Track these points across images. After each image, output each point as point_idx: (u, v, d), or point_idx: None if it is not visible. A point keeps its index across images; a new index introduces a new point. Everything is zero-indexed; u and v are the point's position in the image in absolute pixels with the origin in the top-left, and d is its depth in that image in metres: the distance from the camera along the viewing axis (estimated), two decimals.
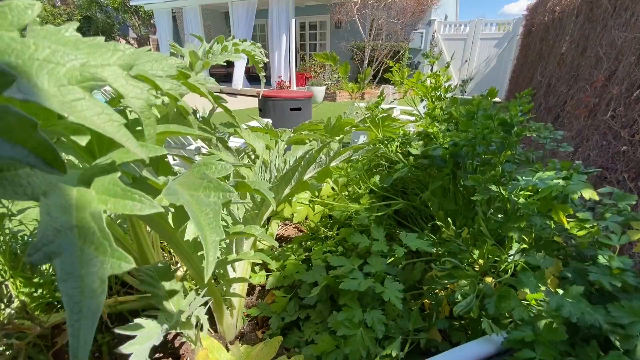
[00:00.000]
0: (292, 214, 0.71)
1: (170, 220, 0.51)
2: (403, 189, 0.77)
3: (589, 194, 0.49)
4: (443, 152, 0.58)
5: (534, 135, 0.64)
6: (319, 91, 8.05)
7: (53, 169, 0.23)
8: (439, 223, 0.63)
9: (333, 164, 0.65)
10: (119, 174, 0.31)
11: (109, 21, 12.40)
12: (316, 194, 0.74)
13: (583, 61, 3.26)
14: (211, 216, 0.33)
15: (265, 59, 0.93)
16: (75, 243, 0.25)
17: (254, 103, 7.65)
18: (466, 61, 9.84)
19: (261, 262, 0.94)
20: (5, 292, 0.68)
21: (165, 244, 0.84)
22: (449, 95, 0.86)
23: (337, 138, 1.09)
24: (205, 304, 0.58)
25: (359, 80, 1.05)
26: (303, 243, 0.93)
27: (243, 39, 0.84)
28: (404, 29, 9.05)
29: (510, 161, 0.58)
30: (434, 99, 0.81)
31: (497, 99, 9.41)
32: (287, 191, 0.58)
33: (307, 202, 0.70)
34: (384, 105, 3.34)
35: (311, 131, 1.03)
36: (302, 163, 0.56)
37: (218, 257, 0.45)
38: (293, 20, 7.93)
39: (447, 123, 0.71)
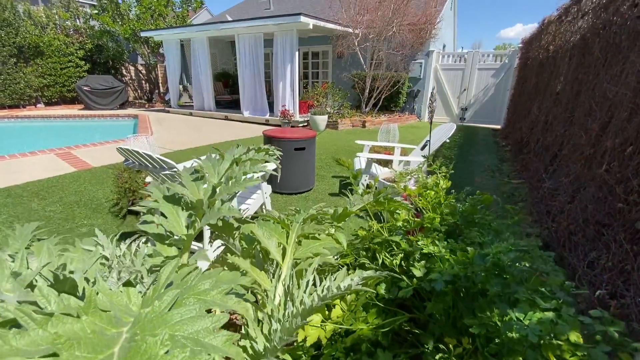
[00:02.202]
0: (305, 337, 0.76)
1: None
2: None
3: (574, 337, 0.54)
4: (444, 287, 0.64)
5: (528, 266, 0.70)
6: (321, 120, 8.24)
7: None
8: (441, 346, 0.68)
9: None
10: None
11: (119, 49, 12.87)
12: (327, 313, 0.79)
13: (578, 106, 3.37)
14: None
15: (278, 153, 1.01)
16: None
17: (259, 131, 7.82)
18: (465, 90, 10.10)
19: None
20: None
21: None
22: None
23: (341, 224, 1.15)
24: None
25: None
26: None
27: (257, 148, 0.92)
28: (404, 60, 9.36)
29: (505, 302, 0.64)
30: (435, 207, 0.88)
31: (496, 126, 9.59)
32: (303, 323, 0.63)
33: (319, 325, 0.75)
34: (383, 143, 3.43)
35: (320, 220, 1.10)
36: (318, 301, 0.62)
37: None
38: (297, 53, 8.23)
39: (446, 238, 0.78)
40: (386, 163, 4.05)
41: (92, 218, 3.03)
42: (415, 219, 0.89)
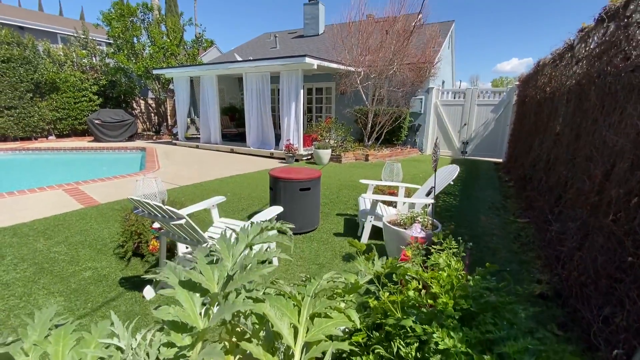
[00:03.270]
0: None
1: None
2: None
3: None
4: None
5: None
6: (325, 154, 8.39)
7: None
8: None
9: None
10: None
11: (132, 85, 13.45)
12: None
13: (578, 149, 3.42)
14: None
15: (291, 228, 1.03)
16: None
17: (264, 165, 7.95)
18: (465, 124, 10.32)
19: None
20: None
21: None
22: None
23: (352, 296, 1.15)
24: None
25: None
26: None
27: (268, 226, 0.95)
28: (405, 96, 9.69)
29: None
30: (448, 292, 0.89)
31: (497, 160, 9.69)
32: None
33: None
34: (387, 182, 3.44)
35: (332, 295, 1.09)
36: None
37: None
38: (302, 91, 8.56)
39: (461, 326, 0.77)
40: (390, 202, 4.06)
41: (96, 260, 3.02)
42: (429, 301, 0.89)
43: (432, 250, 1.16)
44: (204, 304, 0.79)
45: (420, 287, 1.11)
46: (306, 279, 1.18)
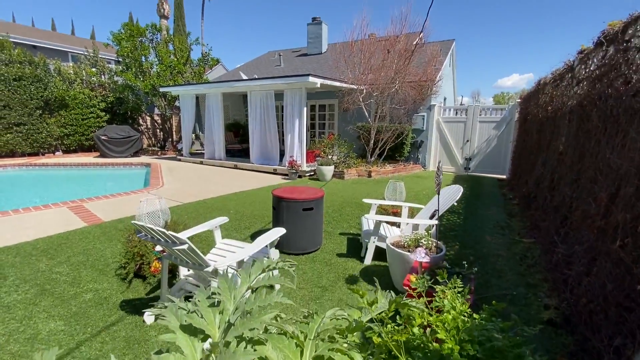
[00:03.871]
0: None
1: None
2: None
3: None
4: None
5: None
6: (328, 170, 8.41)
7: None
8: None
9: None
10: None
11: (138, 102, 13.71)
12: None
13: (582, 170, 3.41)
14: None
15: (293, 271, 1.02)
16: None
17: (267, 181, 7.98)
18: (467, 141, 10.35)
19: None
20: None
21: None
22: None
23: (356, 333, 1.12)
24: None
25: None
26: None
27: (273, 264, 0.95)
28: (407, 113, 9.79)
29: None
30: (454, 336, 0.88)
31: (501, 176, 9.65)
32: None
33: None
34: (390, 202, 3.41)
35: (334, 335, 1.08)
36: None
37: None
38: (305, 109, 8.68)
39: None
40: (394, 222, 4.04)
41: (97, 282, 3.01)
42: (434, 344, 0.88)
43: (437, 289, 1.15)
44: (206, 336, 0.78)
45: (425, 323, 1.09)
46: (308, 315, 1.16)
